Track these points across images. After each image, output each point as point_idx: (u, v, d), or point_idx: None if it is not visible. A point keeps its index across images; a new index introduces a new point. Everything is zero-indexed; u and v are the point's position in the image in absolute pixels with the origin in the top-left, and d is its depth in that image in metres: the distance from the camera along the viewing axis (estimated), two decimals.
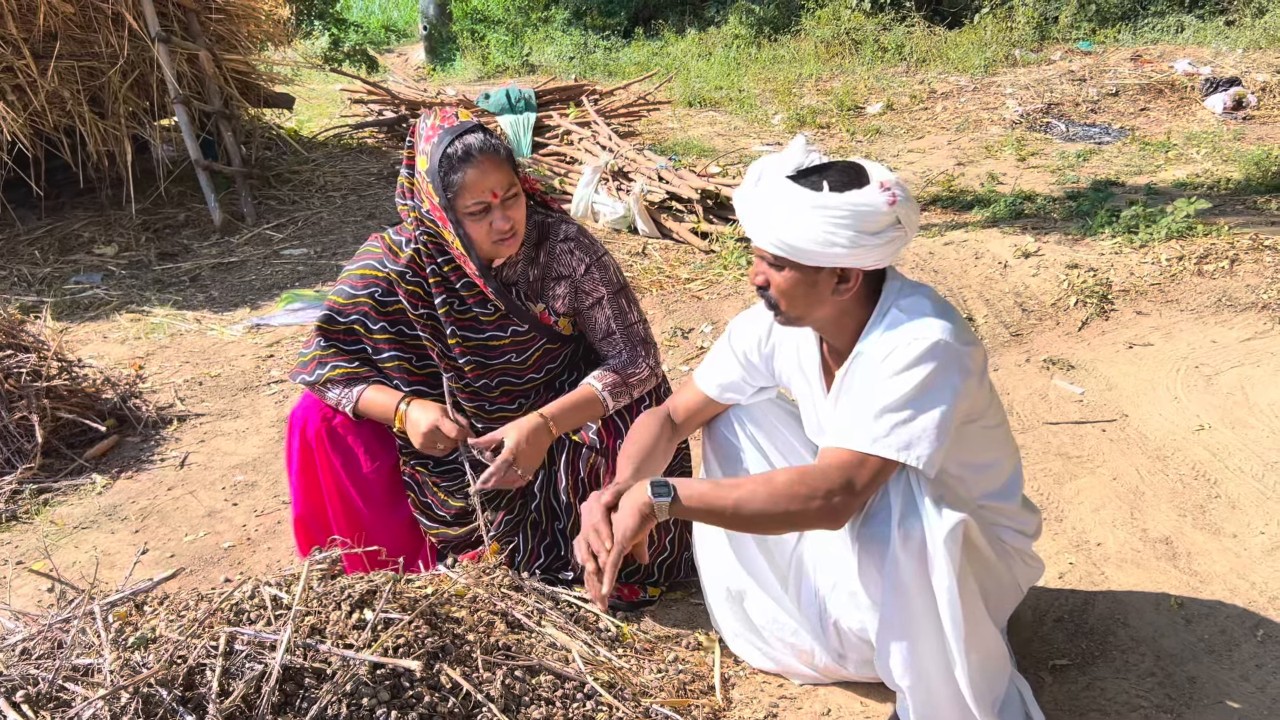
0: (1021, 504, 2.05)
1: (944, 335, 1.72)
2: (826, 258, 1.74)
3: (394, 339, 2.42)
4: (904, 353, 1.72)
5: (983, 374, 1.83)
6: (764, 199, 1.79)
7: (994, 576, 1.91)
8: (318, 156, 8.17)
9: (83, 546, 2.98)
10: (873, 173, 1.77)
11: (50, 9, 5.48)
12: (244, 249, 5.99)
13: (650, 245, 5.67)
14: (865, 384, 1.76)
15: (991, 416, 1.91)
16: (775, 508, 1.70)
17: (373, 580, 1.90)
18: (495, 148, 2.20)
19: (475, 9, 17.92)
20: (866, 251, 1.73)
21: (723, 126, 9.32)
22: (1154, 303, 4.34)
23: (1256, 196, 5.76)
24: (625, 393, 2.42)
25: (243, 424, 3.77)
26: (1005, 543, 1.98)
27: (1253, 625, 2.36)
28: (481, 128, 2.23)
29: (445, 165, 2.18)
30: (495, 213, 2.22)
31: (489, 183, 2.18)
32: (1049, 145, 7.80)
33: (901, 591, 1.72)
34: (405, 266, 2.36)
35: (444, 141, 2.19)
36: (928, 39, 12.29)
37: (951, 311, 1.81)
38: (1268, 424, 3.31)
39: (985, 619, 1.81)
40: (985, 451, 1.93)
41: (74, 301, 5.15)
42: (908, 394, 1.69)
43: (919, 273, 4.74)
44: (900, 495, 1.73)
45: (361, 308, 2.40)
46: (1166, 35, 11.74)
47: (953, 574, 1.68)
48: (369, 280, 2.40)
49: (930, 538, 1.69)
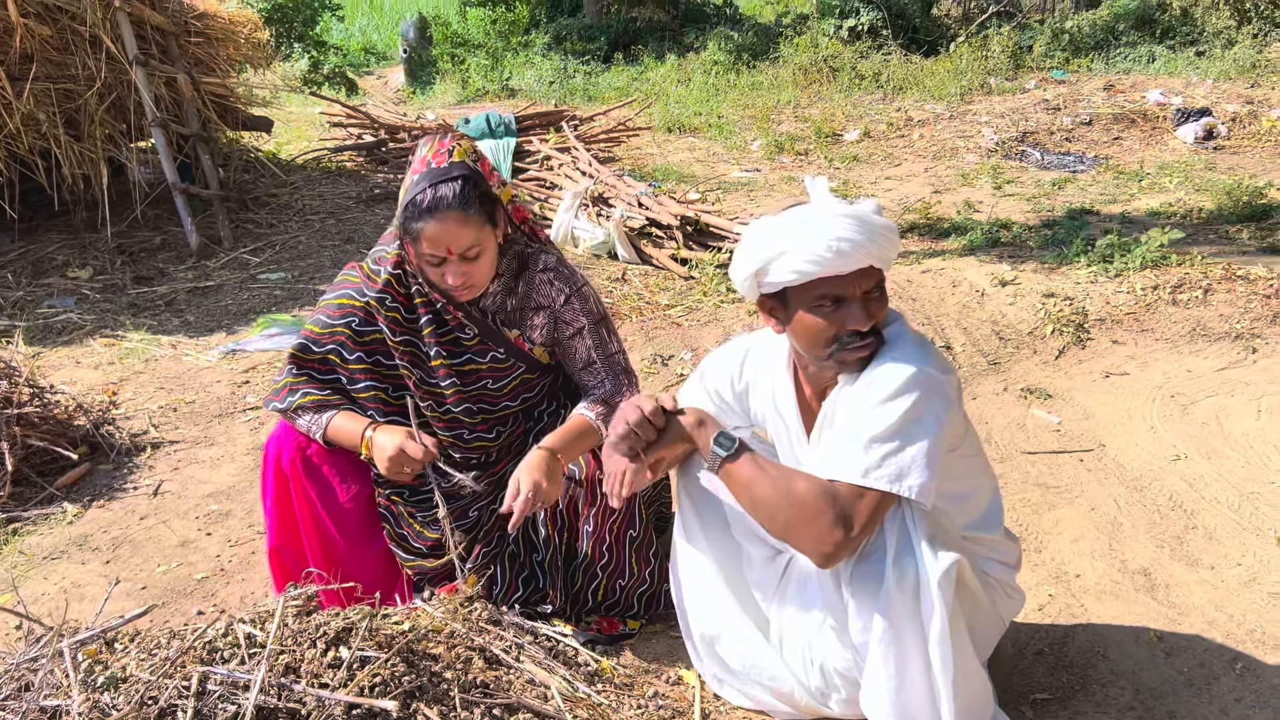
0: (1004, 534, 2.05)
1: (924, 365, 1.74)
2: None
3: (370, 369, 2.40)
4: (887, 384, 1.73)
5: (959, 402, 1.84)
6: (866, 230, 1.76)
7: (980, 612, 1.91)
8: (296, 180, 8.15)
9: (52, 578, 2.93)
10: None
11: (27, 32, 5.44)
12: (221, 273, 5.94)
13: (630, 271, 5.67)
14: (850, 415, 1.76)
15: (968, 445, 1.92)
16: (780, 516, 1.75)
17: (349, 617, 1.87)
18: (466, 202, 2.14)
19: (455, 33, 17.98)
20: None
21: (702, 152, 9.36)
22: (1129, 332, 4.37)
23: (1229, 226, 5.84)
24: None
25: (217, 451, 3.73)
26: (989, 575, 1.97)
27: (1231, 659, 2.37)
28: (466, 177, 2.17)
29: (411, 210, 2.16)
30: (449, 267, 2.19)
31: (447, 239, 2.14)
32: (1024, 173, 7.88)
33: (893, 630, 1.71)
34: (383, 291, 2.34)
35: (420, 184, 2.16)
36: (904, 67, 12.41)
37: (926, 341, 1.84)
38: (1243, 454, 3.34)
39: (973, 658, 1.81)
40: (963, 480, 1.93)
41: (47, 326, 5.09)
42: (895, 424, 1.70)
43: (897, 301, 4.76)
44: (895, 533, 1.73)
45: (338, 337, 2.38)
46: (1138, 65, 11.92)
47: (945, 615, 1.67)
48: (346, 310, 2.38)
49: (926, 579, 1.69)
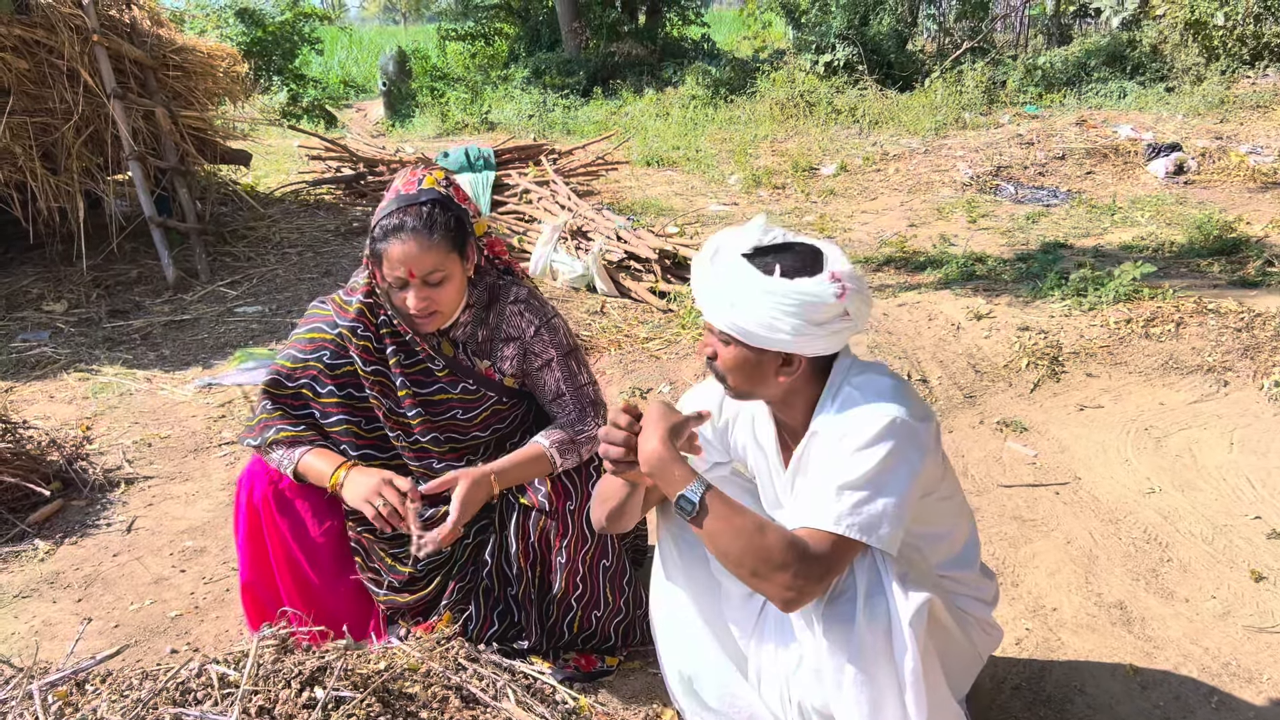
0: (980, 571, 2.05)
1: (900, 414, 1.72)
2: (771, 342, 1.75)
3: (342, 402, 2.39)
4: (862, 432, 1.72)
5: (937, 448, 1.84)
6: (717, 275, 1.79)
7: (955, 649, 1.91)
8: (274, 213, 8.14)
9: (23, 617, 2.89)
10: (829, 260, 1.77)
11: (4, 65, 5.44)
12: (197, 306, 5.92)
13: (609, 304, 5.68)
14: (824, 462, 1.76)
15: (945, 488, 1.92)
16: (746, 563, 1.69)
17: (323, 656, 1.86)
18: (429, 227, 2.16)
19: (435, 66, 18.10)
20: (810, 340, 1.74)
21: (680, 186, 9.42)
22: (1103, 365, 4.42)
23: (1199, 260, 5.92)
24: (573, 451, 2.40)
25: (192, 487, 3.70)
26: (966, 612, 1.98)
27: (1207, 693, 2.38)
28: (434, 201, 2.21)
29: (377, 232, 2.19)
30: (411, 291, 2.20)
31: (408, 262, 2.16)
32: (999, 207, 7.97)
33: (866, 670, 1.70)
34: (355, 320, 2.35)
35: (388, 208, 2.20)
36: (880, 102, 12.57)
37: (905, 388, 1.82)
38: (1215, 487, 3.37)
39: (947, 695, 1.81)
40: (940, 521, 1.94)
41: (20, 360, 5.05)
42: (868, 473, 1.69)
43: (873, 333, 4.80)
44: (865, 574, 1.73)
45: (310, 372, 2.38)
46: (1110, 100, 12.12)
47: (918, 655, 1.67)
48: (318, 344, 2.38)
49: (897, 619, 1.69)
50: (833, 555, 1.68)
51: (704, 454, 2.12)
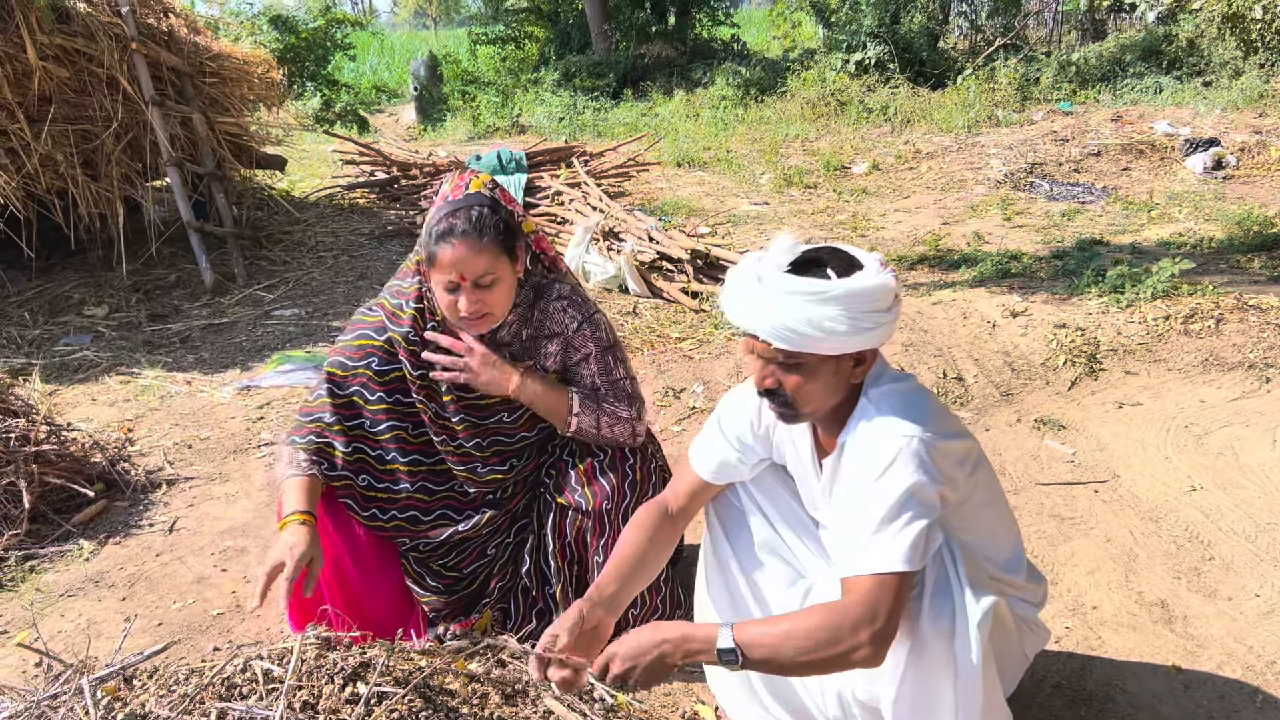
0: (1027, 575, 2.04)
1: (915, 433, 1.71)
2: (852, 344, 1.72)
3: (391, 409, 2.41)
4: (879, 458, 1.71)
5: (963, 461, 1.81)
6: (773, 297, 1.72)
7: (1008, 650, 1.90)
8: (309, 217, 8.22)
9: (69, 615, 2.94)
10: (857, 254, 1.77)
11: (45, 74, 5.53)
12: (235, 310, 5.99)
13: (641, 305, 5.69)
14: (851, 493, 1.75)
15: (981, 495, 1.89)
16: (810, 656, 1.66)
17: (366, 653, 1.88)
18: (479, 231, 2.18)
19: (466, 70, 18.20)
20: (886, 329, 1.73)
21: (711, 186, 9.42)
22: (1142, 362, 4.37)
23: (1239, 256, 5.84)
24: (593, 410, 2.39)
25: (232, 487, 3.74)
26: (1016, 614, 1.97)
27: (1251, 692, 2.35)
28: (482, 203, 2.23)
29: (428, 237, 2.21)
30: (462, 294, 2.22)
31: (460, 265, 2.18)
32: (1033, 205, 7.90)
33: (924, 667, 1.70)
34: (410, 326, 2.37)
35: (440, 213, 2.22)
36: (912, 100, 12.49)
37: (926, 406, 1.79)
38: (1258, 484, 3.32)
39: (1000, 696, 1.80)
40: (980, 528, 1.91)
41: (63, 364, 5.13)
42: (896, 501, 1.67)
43: (908, 331, 4.78)
44: (933, 570, 1.72)
45: (360, 379, 2.40)
46: (1145, 96, 11.97)
47: (981, 656, 1.67)
48: (367, 350, 2.40)
49: (963, 619, 1.68)
50: (885, 595, 1.65)
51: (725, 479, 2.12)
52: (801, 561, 2.14)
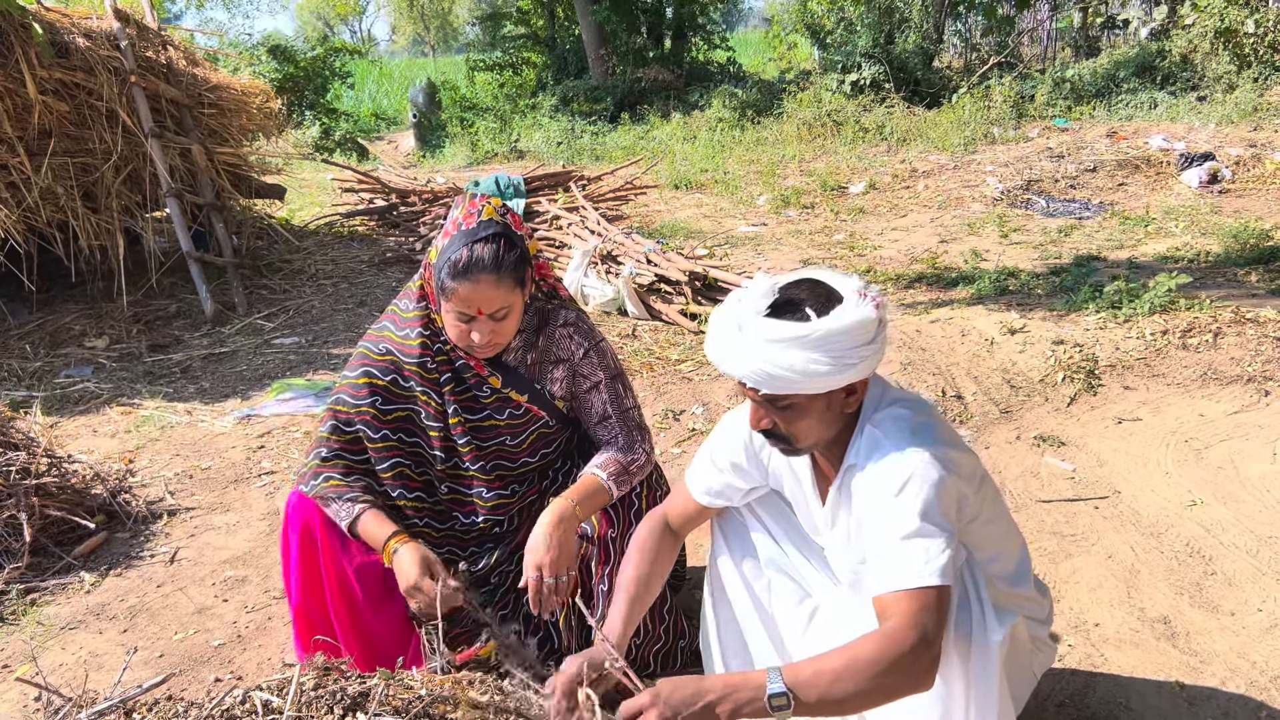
0: (1035, 589, 2.04)
1: (929, 449, 1.71)
2: (838, 380, 1.71)
3: (395, 446, 2.42)
4: (896, 476, 1.71)
5: (972, 477, 1.81)
6: (753, 345, 1.71)
7: (1019, 668, 1.90)
8: (309, 245, 8.26)
9: (70, 648, 2.93)
10: (836, 285, 1.75)
11: (45, 108, 5.57)
12: (235, 339, 6.01)
13: (640, 327, 5.71)
14: (873, 512, 1.73)
15: (988, 512, 1.89)
16: (869, 691, 1.61)
17: (365, 681, 1.87)
18: (500, 265, 2.17)
19: (464, 97, 18.32)
20: (869, 362, 1.72)
21: (709, 208, 9.45)
22: (1140, 377, 4.37)
23: (1236, 269, 5.85)
24: (627, 480, 2.42)
25: (233, 517, 3.74)
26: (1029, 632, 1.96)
27: (1255, 707, 2.34)
28: (498, 235, 2.20)
29: (448, 269, 2.19)
30: (476, 325, 2.23)
31: (478, 301, 2.18)
32: (1030, 221, 7.93)
33: (942, 686, 1.69)
34: (422, 355, 2.38)
35: (455, 245, 2.19)
36: (907, 119, 12.56)
37: (933, 423, 1.79)
38: (1259, 498, 3.32)
39: (1011, 713, 1.80)
40: (987, 545, 1.91)
41: (64, 395, 5.14)
42: (919, 516, 1.66)
43: (906, 350, 4.78)
44: (956, 589, 1.72)
45: (364, 416, 2.40)
46: (1140, 112, 12.02)
47: (998, 675, 1.66)
48: (371, 389, 2.40)
49: (987, 639, 1.68)
50: (926, 611, 1.62)
51: (740, 482, 2.12)
52: (807, 580, 2.14)
